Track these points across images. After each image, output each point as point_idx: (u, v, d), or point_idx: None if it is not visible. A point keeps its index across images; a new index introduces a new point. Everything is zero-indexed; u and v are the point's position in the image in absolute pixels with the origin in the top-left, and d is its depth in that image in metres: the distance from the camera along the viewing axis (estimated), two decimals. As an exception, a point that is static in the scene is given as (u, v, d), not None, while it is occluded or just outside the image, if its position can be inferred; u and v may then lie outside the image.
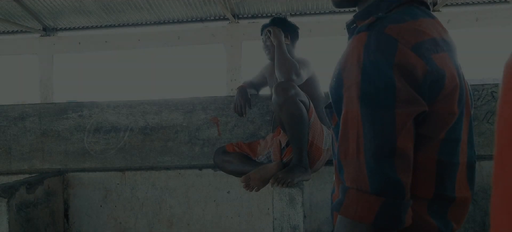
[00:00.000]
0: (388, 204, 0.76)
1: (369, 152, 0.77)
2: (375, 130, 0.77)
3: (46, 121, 2.82)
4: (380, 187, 0.76)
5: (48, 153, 2.82)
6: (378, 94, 0.78)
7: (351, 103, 0.81)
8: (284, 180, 2.06)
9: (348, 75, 0.82)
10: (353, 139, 0.80)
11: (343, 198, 0.81)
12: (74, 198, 2.79)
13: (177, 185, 2.73)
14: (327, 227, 2.62)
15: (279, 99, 2.14)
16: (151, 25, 7.03)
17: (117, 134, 2.79)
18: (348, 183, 0.81)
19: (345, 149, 0.82)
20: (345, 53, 0.86)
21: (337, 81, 0.86)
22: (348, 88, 0.82)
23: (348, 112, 0.82)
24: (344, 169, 0.82)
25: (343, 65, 0.85)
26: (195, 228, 2.73)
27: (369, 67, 0.79)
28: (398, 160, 0.77)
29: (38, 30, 7.07)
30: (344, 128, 0.82)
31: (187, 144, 2.75)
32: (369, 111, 0.78)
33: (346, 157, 0.82)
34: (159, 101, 2.77)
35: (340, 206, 0.80)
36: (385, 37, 0.80)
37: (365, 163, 0.78)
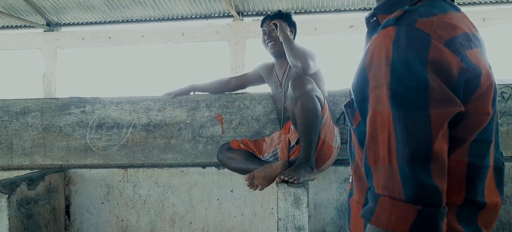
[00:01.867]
0: (425, 213, 0.71)
1: (403, 157, 0.72)
2: (409, 133, 0.72)
3: (48, 117, 2.79)
4: (415, 195, 0.71)
5: (50, 148, 2.79)
6: (410, 94, 0.73)
7: (380, 104, 0.75)
8: (290, 178, 2.02)
9: (374, 74, 0.77)
10: (383, 143, 0.75)
11: (374, 206, 0.75)
12: (76, 195, 2.75)
13: (180, 183, 2.70)
14: (332, 228, 2.58)
15: (295, 92, 2.10)
16: (155, 21, 7.01)
17: (119, 131, 2.75)
18: (379, 190, 0.76)
19: (374, 154, 0.76)
20: (369, 49, 0.80)
21: (362, 80, 0.80)
22: (375, 88, 0.76)
23: (376, 114, 0.76)
24: (373, 175, 0.77)
25: (368, 62, 0.79)
26: (198, 227, 2.69)
27: (399, 65, 0.74)
28: (434, 165, 0.72)
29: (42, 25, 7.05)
30: (373, 130, 0.77)
31: (191, 141, 2.72)
32: (402, 113, 0.73)
33: (376, 162, 0.76)
34: (163, 97, 2.74)
35: (371, 215, 0.75)
36: (416, 32, 0.74)
37: (398, 169, 0.72)
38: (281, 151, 2.25)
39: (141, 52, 7.20)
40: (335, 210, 2.58)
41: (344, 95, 2.61)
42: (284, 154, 2.23)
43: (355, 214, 0.92)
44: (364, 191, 0.89)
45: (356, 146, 0.90)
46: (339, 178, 2.57)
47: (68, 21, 7.20)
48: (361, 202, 0.90)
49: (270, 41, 2.49)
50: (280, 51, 2.48)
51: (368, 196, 0.78)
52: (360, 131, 0.86)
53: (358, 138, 0.88)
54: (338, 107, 2.61)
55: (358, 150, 0.89)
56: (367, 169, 0.79)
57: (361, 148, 0.88)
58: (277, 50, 2.49)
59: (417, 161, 0.71)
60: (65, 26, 7.28)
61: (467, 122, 0.77)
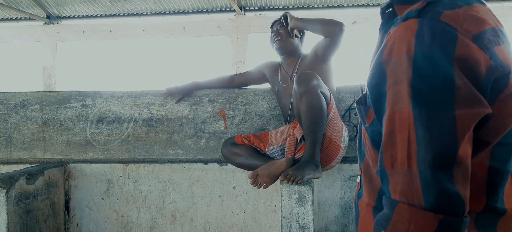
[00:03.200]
0: (447, 222, 0.65)
1: (425, 161, 0.67)
2: (432, 135, 0.66)
3: (48, 110, 2.74)
4: (437, 203, 0.66)
5: (50, 143, 2.74)
6: (434, 92, 0.67)
7: (399, 102, 0.70)
8: (294, 177, 1.98)
9: (394, 69, 0.71)
10: (402, 145, 0.69)
11: (391, 214, 0.70)
12: (75, 190, 2.71)
13: (182, 179, 2.65)
14: (336, 226, 2.54)
15: (300, 88, 2.05)
16: (157, 15, 6.95)
17: (120, 125, 2.71)
18: (396, 196, 0.70)
19: (391, 156, 0.71)
20: (388, 42, 0.74)
21: (378, 76, 0.74)
22: (394, 85, 0.71)
23: (395, 113, 0.70)
24: (390, 179, 0.71)
25: (386, 57, 0.73)
26: (199, 223, 2.65)
27: (422, 61, 0.68)
28: (458, 170, 0.66)
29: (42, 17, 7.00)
30: (390, 131, 0.71)
31: (193, 137, 2.67)
32: (424, 113, 0.67)
33: (393, 165, 0.70)
34: (165, 92, 2.69)
35: (387, 223, 0.70)
36: (442, 26, 0.69)
37: (418, 174, 0.67)
38: (288, 147, 2.20)
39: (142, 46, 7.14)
40: (339, 208, 2.54)
41: (349, 91, 2.57)
42: (291, 150, 2.19)
43: (364, 217, 0.87)
44: (375, 193, 0.85)
45: (368, 145, 0.85)
46: (344, 176, 2.52)
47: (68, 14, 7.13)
48: (371, 205, 0.86)
49: (276, 37, 2.46)
50: (285, 47, 2.46)
51: (384, 202, 0.73)
52: (373, 130, 0.81)
53: (370, 137, 0.83)
54: (343, 103, 2.56)
55: (370, 150, 0.84)
56: (382, 172, 0.73)
57: (373, 148, 0.83)
58: (283, 46, 2.46)
59: (440, 166, 0.66)
60: (65, 19, 7.22)
61: (492, 124, 0.71)
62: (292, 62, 2.49)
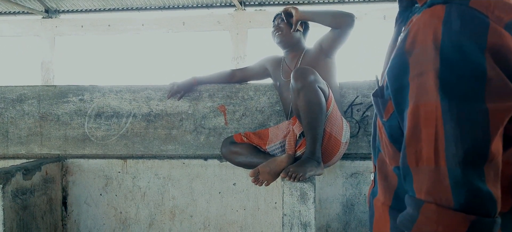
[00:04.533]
0: (479, 224, 0.61)
1: (454, 158, 0.62)
2: (462, 131, 0.62)
3: (45, 104, 2.70)
4: (468, 202, 0.61)
5: (47, 137, 2.70)
6: (464, 84, 0.62)
7: (424, 94, 0.65)
8: (296, 174, 1.94)
9: (418, 59, 0.66)
10: (429, 141, 0.64)
11: (416, 214, 0.65)
12: (73, 186, 2.67)
13: (181, 175, 2.61)
14: (337, 223, 2.51)
15: (297, 84, 2.01)
16: (156, 10, 6.90)
17: (119, 120, 2.66)
18: (421, 195, 0.65)
19: (416, 153, 0.66)
20: (411, 31, 0.69)
21: (399, 66, 0.70)
22: (418, 76, 0.66)
23: (420, 106, 0.65)
24: (414, 177, 0.67)
25: (409, 46, 0.68)
26: (199, 220, 2.61)
27: (451, 50, 0.63)
28: (489, 168, 0.62)
29: (40, 11, 6.94)
30: (414, 125, 0.66)
31: (192, 132, 2.63)
32: (454, 106, 0.62)
33: (418, 162, 0.66)
34: (164, 86, 2.64)
35: (412, 224, 0.65)
36: (472, 12, 0.64)
37: (447, 172, 0.62)
38: (288, 143, 2.16)
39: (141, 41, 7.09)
40: (341, 205, 2.50)
41: (351, 87, 2.53)
42: (291, 147, 2.15)
43: (379, 217, 0.83)
44: (391, 191, 0.80)
45: (384, 141, 0.80)
46: (345, 173, 2.49)
47: (67, 8, 7.08)
48: (387, 204, 0.81)
49: (276, 31, 2.42)
50: (286, 41, 2.42)
51: (407, 201, 0.68)
52: (391, 124, 0.76)
53: (388, 132, 0.78)
54: (346, 99, 2.52)
55: (387, 145, 0.80)
56: (405, 170, 0.69)
57: (391, 144, 0.78)
58: (283, 40, 2.42)
59: (471, 163, 0.61)
60: (64, 13, 7.17)
61: None
62: (295, 56, 2.45)
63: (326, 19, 2.28)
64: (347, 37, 2.28)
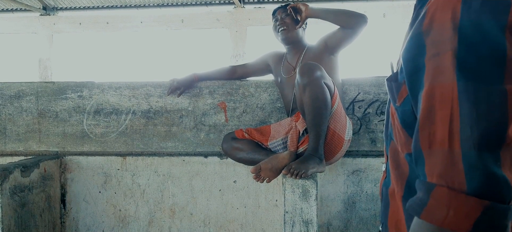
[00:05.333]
0: (493, 209, 0.58)
1: (469, 140, 0.59)
2: (479, 113, 0.59)
3: (43, 101, 2.67)
4: (482, 187, 0.58)
5: (45, 134, 2.67)
6: (483, 64, 0.59)
7: (440, 75, 0.62)
8: (298, 171, 1.91)
9: (435, 39, 0.64)
10: (443, 123, 0.61)
11: (426, 198, 0.62)
12: (72, 183, 2.65)
13: (181, 173, 2.59)
14: (338, 221, 2.49)
15: (303, 80, 1.98)
16: (155, 7, 6.86)
17: (118, 117, 2.64)
18: (432, 178, 0.62)
19: (429, 135, 0.63)
20: (429, 10, 0.67)
21: (415, 47, 0.67)
22: (435, 56, 0.63)
23: (435, 87, 0.63)
24: (426, 161, 0.64)
25: (426, 26, 0.66)
26: (199, 218, 2.59)
27: (470, 29, 0.60)
28: (506, 152, 0.59)
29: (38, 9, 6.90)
30: (429, 107, 0.63)
31: (192, 129, 2.61)
32: (471, 86, 0.59)
33: (431, 145, 0.63)
34: (164, 83, 2.62)
35: (421, 208, 0.62)
36: None
37: (461, 155, 0.59)
38: (291, 140, 2.13)
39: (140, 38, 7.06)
40: (342, 203, 2.48)
41: (353, 84, 2.51)
42: (293, 144, 2.12)
43: (396, 208, 0.80)
44: (403, 180, 0.78)
45: (397, 127, 0.77)
46: (347, 170, 2.47)
47: (65, 5, 7.04)
48: (399, 194, 0.78)
49: (281, 26, 2.38)
50: (292, 37, 2.39)
51: (417, 186, 0.65)
52: (404, 109, 0.73)
53: (401, 117, 0.75)
54: (348, 96, 2.50)
55: (399, 131, 0.77)
56: (417, 153, 0.66)
57: (403, 129, 0.75)
58: (288, 36, 2.38)
59: (487, 146, 0.59)
60: (62, 10, 7.13)
61: None
62: (297, 53, 2.42)
63: (339, 18, 2.25)
64: (357, 37, 2.26)
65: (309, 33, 2.54)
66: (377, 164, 2.45)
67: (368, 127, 2.49)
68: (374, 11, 6.24)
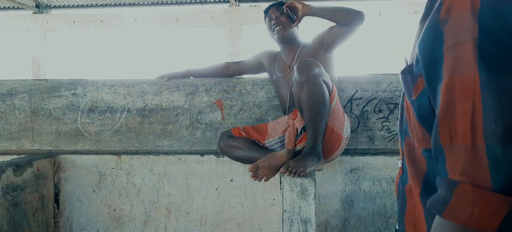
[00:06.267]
0: None
1: (493, 134, 0.56)
2: (503, 105, 0.56)
3: (36, 99, 2.62)
4: (508, 183, 0.55)
5: (38, 133, 2.62)
6: (505, 54, 0.56)
7: (460, 66, 0.59)
8: (296, 169, 1.89)
9: (453, 29, 0.61)
10: (465, 117, 0.58)
11: (449, 196, 0.59)
12: (66, 182, 2.60)
13: (177, 172, 2.55)
14: (336, 220, 2.46)
15: (301, 77, 1.96)
16: (149, 5, 6.81)
17: (113, 115, 2.60)
18: (455, 175, 0.59)
19: (450, 130, 0.60)
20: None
21: (432, 37, 0.64)
22: (454, 47, 0.60)
23: (455, 80, 0.60)
24: (447, 156, 0.61)
25: (444, 15, 0.63)
26: (195, 217, 2.56)
27: (491, 17, 0.58)
28: None
29: (31, 6, 6.82)
30: (449, 100, 0.60)
31: (188, 127, 2.57)
32: (495, 78, 0.56)
33: (452, 140, 0.60)
34: (160, 81, 2.58)
35: (444, 206, 0.59)
36: None
37: (485, 149, 0.56)
38: (288, 138, 2.11)
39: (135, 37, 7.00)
40: (340, 201, 2.46)
41: (350, 81, 2.48)
42: (291, 142, 2.10)
43: (414, 205, 0.77)
44: (420, 177, 0.75)
45: (413, 121, 0.74)
46: (345, 168, 2.44)
47: (58, 3, 6.96)
48: (417, 191, 0.75)
49: (277, 26, 2.35)
50: (287, 36, 2.37)
51: (438, 183, 0.62)
52: (421, 103, 0.70)
53: (417, 111, 0.72)
54: (345, 94, 2.48)
55: (415, 126, 0.74)
56: (437, 149, 0.63)
57: (419, 124, 0.72)
58: (284, 35, 2.36)
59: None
60: (55, 8, 7.05)
61: None
62: (292, 51, 2.40)
63: (336, 16, 2.23)
64: (354, 34, 2.24)
65: (302, 30, 2.51)
66: (375, 162, 2.43)
67: (366, 125, 2.47)
68: (370, 9, 6.23)
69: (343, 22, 2.21)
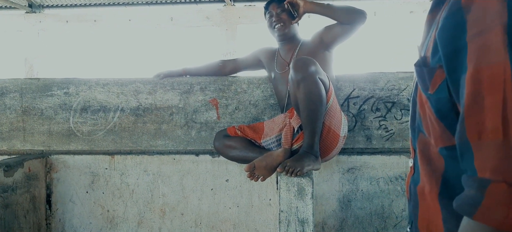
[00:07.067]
0: None
1: None
2: None
3: (28, 98, 2.57)
4: None
5: (30, 133, 2.57)
6: None
7: (488, 54, 0.55)
8: (293, 169, 1.85)
9: (478, 16, 0.57)
10: (495, 110, 0.54)
11: (480, 196, 0.55)
12: (58, 183, 2.55)
13: (171, 172, 2.51)
14: (333, 220, 2.43)
15: (297, 75, 1.92)
16: (143, 5, 6.75)
17: (106, 114, 2.55)
18: (484, 173, 0.55)
19: (478, 125, 0.56)
20: None
21: (454, 26, 0.60)
22: (479, 35, 0.56)
23: (482, 70, 0.56)
24: (475, 154, 0.57)
25: (466, 1, 0.59)
26: (190, 218, 2.51)
27: None
28: None
29: (24, 6, 6.74)
30: (475, 93, 0.57)
31: (183, 127, 2.53)
32: None
33: (480, 136, 0.56)
34: (154, 79, 2.54)
35: (475, 208, 0.55)
36: None
37: None
38: (285, 137, 2.07)
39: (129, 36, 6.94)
40: (337, 201, 2.43)
41: (348, 80, 2.45)
42: (287, 141, 2.06)
43: (427, 207, 0.73)
44: (438, 176, 0.71)
45: (429, 118, 0.70)
46: (342, 168, 2.41)
47: (51, 3, 6.88)
48: (434, 191, 0.71)
49: (278, 23, 2.31)
50: (288, 33, 2.34)
51: (466, 182, 0.59)
52: (439, 97, 0.66)
53: (435, 107, 0.68)
54: (342, 92, 2.45)
55: (433, 123, 0.69)
56: (463, 145, 0.59)
57: (438, 120, 0.68)
58: (285, 33, 2.33)
59: None
60: (48, 8, 6.96)
61: None
62: (291, 48, 2.36)
63: (339, 14, 2.20)
64: (355, 33, 2.22)
65: (302, 27, 2.48)
66: (372, 162, 2.40)
67: (363, 124, 2.44)
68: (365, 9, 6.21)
69: (345, 20, 2.19)
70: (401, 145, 2.42)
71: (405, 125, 2.42)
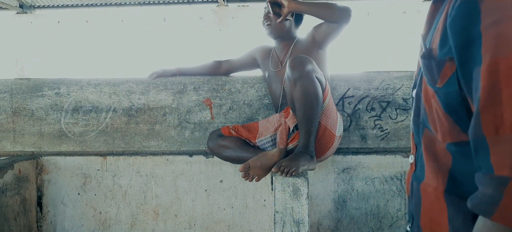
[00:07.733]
0: None
1: None
2: None
3: (18, 99, 2.53)
4: None
5: (20, 134, 2.53)
6: None
7: (505, 45, 0.53)
8: (288, 169, 1.83)
9: (493, 4, 0.55)
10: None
11: (499, 195, 0.52)
12: (49, 185, 2.51)
13: (165, 173, 2.48)
14: (328, 220, 2.41)
15: (294, 73, 1.90)
16: (135, 5, 6.70)
17: (98, 115, 2.51)
18: (503, 171, 0.53)
19: (494, 119, 0.54)
20: None
21: (467, 15, 0.57)
22: (495, 24, 0.54)
23: (499, 61, 0.53)
24: (492, 149, 0.54)
25: None
26: (184, 220, 2.48)
27: None
28: None
29: (15, 7, 6.67)
30: (491, 86, 0.54)
31: (176, 127, 2.50)
32: None
33: (497, 131, 0.54)
34: (146, 79, 2.51)
35: (494, 207, 0.52)
36: None
37: None
38: (280, 137, 2.05)
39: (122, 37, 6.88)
40: (332, 202, 2.41)
41: (343, 79, 2.44)
42: (282, 140, 2.04)
43: (430, 205, 0.71)
44: (444, 173, 0.68)
45: (437, 113, 0.68)
46: (337, 168, 2.40)
47: (42, 4, 6.82)
48: (440, 189, 0.69)
49: (266, 21, 2.31)
50: (275, 31, 2.32)
51: (481, 180, 0.56)
52: (448, 91, 0.63)
53: (444, 101, 0.65)
54: (337, 91, 2.43)
55: (441, 117, 0.67)
56: (478, 141, 0.57)
57: (446, 115, 0.65)
58: (273, 31, 2.31)
59: None
60: (39, 8, 6.90)
61: None
62: (285, 46, 2.34)
63: (322, 12, 2.17)
64: (342, 30, 2.19)
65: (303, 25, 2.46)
66: (367, 161, 2.39)
67: (358, 124, 2.43)
68: (358, 9, 6.21)
69: (330, 19, 2.16)
70: (396, 144, 2.41)
71: (400, 124, 2.40)
